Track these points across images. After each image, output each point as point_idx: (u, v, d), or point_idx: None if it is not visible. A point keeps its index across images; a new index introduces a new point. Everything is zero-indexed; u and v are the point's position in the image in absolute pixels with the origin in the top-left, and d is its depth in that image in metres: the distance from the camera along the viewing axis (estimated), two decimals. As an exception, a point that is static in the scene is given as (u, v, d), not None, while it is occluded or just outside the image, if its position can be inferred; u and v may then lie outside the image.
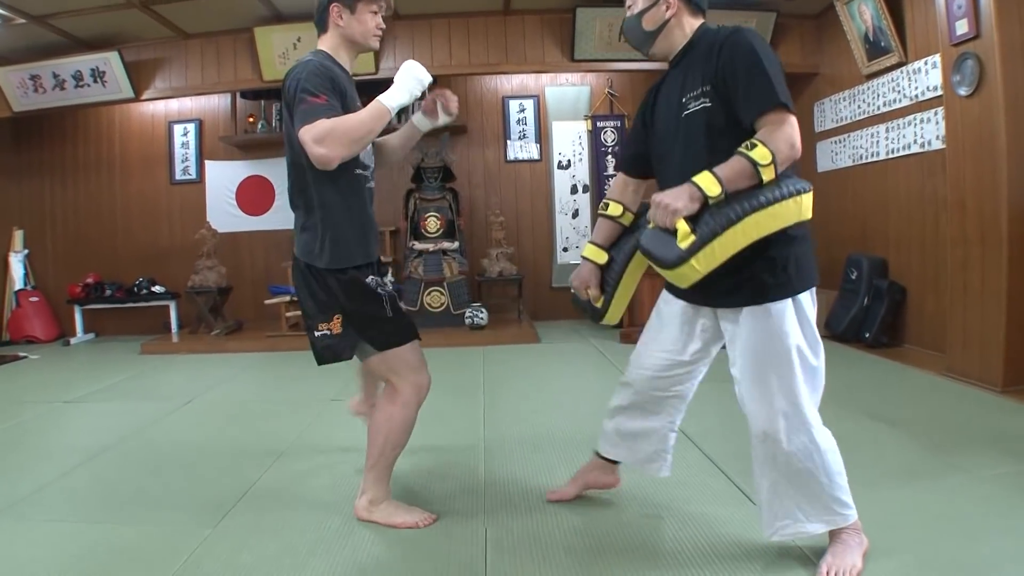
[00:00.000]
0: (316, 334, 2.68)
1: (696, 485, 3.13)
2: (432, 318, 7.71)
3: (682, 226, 2.02)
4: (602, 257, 2.70)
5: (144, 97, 7.89)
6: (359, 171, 2.71)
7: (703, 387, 2.77)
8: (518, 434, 4.05)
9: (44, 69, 7.57)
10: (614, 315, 2.72)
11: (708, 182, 2.05)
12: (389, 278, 2.88)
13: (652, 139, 2.58)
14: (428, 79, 2.65)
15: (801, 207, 2.07)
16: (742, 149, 2.07)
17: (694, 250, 2.01)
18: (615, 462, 2.91)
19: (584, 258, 2.76)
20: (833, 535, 2.35)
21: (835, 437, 2.31)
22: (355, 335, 2.70)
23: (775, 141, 2.06)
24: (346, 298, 2.66)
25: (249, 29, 7.35)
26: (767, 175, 2.03)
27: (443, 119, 2.93)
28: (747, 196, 2.04)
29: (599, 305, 2.71)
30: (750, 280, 2.25)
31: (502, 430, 4.15)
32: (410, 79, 2.62)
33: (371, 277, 2.73)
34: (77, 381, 6.07)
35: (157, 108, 8.82)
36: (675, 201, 2.06)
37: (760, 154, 2.03)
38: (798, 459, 2.24)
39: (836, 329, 6.49)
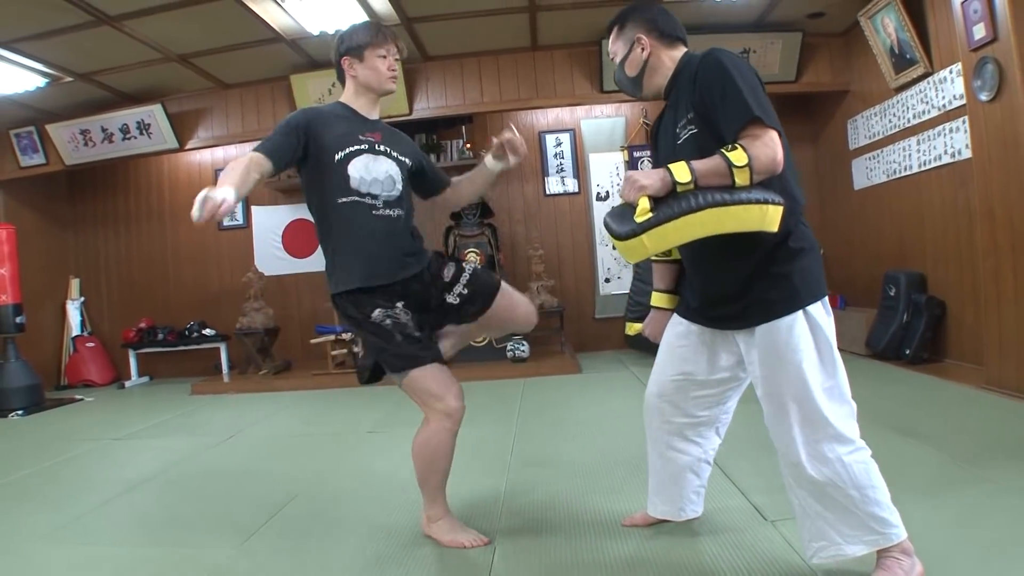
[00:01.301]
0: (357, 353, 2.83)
1: (709, 504, 2.98)
2: (475, 352, 7.76)
3: (643, 203, 2.05)
4: (673, 302, 2.71)
5: (188, 147, 8.21)
6: (346, 199, 2.77)
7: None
8: (544, 459, 4.07)
9: (93, 123, 7.93)
10: None
11: (680, 170, 2.07)
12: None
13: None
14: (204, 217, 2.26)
15: (766, 216, 2.04)
16: (722, 149, 2.08)
17: (647, 226, 2.03)
18: None
19: (654, 307, 2.76)
20: (879, 558, 2.21)
21: (860, 454, 2.26)
22: (372, 358, 2.83)
23: (754, 149, 2.06)
24: (353, 324, 2.83)
25: (286, 77, 7.62)
26: (740, 177, 2.04)
27: (513, 160, 3.06)
28: (713, 191, 2.05)
29: None
30: (758, 300, 2.24)
31: (529, 456, 4.17)
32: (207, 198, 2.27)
33: (378, 310, 2.74)
34: (128, 420, 6.28)
35: (203, 157, 9.13)
36: (644, 179, 2.08)
37: (737, 156, 2.04)
38: (821, 474, 2.17)
39: (876, 347, 6.41)
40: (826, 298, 2.28)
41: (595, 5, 6.53)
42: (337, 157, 2.76)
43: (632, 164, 8.57)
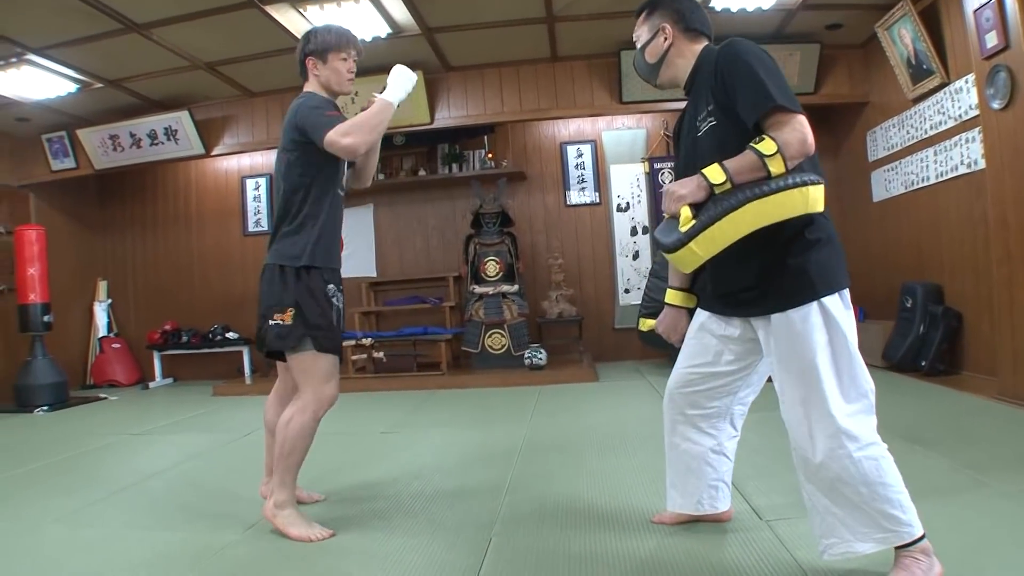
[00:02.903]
0: (270, 323, 2.96)
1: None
2: (493, 359, 7.83)
3: (685, 212, 2.09)
4: (691, 301, 2.71)
5: (214, 153, 8.38)
6: (340, 191, 3.17)
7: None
8: (552, 461, 4.09)
9: (122, 129, 8.12)
10: None
11: (714, 172, 2.10)
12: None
13: (678, 165, 2.64)
14: (415, 77, 3.09)
15: (807, 198, 2.05)
16: (751, 143, 2.10)
17: (693, 234, 2.06)
18: None
19: (668, 304, 2.75)
20: (897, 557, 2.19)
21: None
22: (302, 329, 2.96)
23: (783, 135, 2.08)
24: (307, 295, 2.98)
25: (309, 85, 7.71)
26: (774, 166, 2.05)
27: None
28: (751, 186, 2.06)
29: None
30: (773, 288, 2.23)
31: (536, 457, 4.21)
32: (403, 79, 3.04)
33: (331, 285, 3.07)
34: (149, 418, 6.42)
35: (230, 164, 9.34)
36: (681, 188, 2.12)
37: (766, 146, 2.06)
38: (830, 469, 2.15)
39: (893, 358, 6.38)
40: (846, 291, 2.25)
41: (612, 16, 6.59)
42: None
43: (653, 175, 8.59)
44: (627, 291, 8.81)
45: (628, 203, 8.86)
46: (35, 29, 5.96)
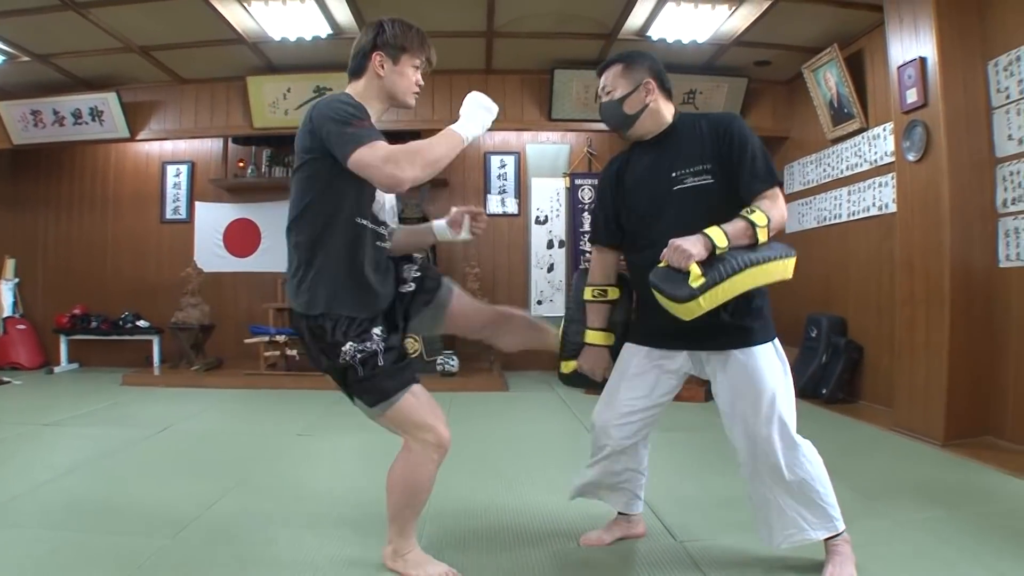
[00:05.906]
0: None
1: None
2: (406, 364, 7.83)
3: (694, 269, 2.28)
4: (611, 339, 2.93)
5: (139, 137, 8.22)
6: (361, 220, 2.50)
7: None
8: (462, 474, 4.09)
9: (45, 105, 7.88)
10: None
11: (718, 235, 2.34)
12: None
13: (628, 209, 2.83)
14: (495, 108, 2.56)
15: (787, 268, 2.42)
16: (743, 213, 2.41)
17: (704, 289, 2.28)
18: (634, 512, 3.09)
19: (589, 344, 2.92)
20: (829, 547, 2.63)
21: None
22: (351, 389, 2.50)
23: (771, 211, 2.42)
24: (319, 351, 2.52)
25: (242, 78, 7.65)
26: (761, 236, 2.37)
27: (464, 236, 2.82)
28: (746, 252, 2.36)
29: None
30: (737, 327, 2.54)
31: (448, 469, 4.24)
32: (480, 109, 2.50)
33: (349, 344, 2.46)
34: (57, 406, 6.22)
35: (152, 148, 9.09)
36: (692, 247, 2.30)
37: (758, 218, 2.38)
38: (795, 473, 2.53)
39: (795, 385, 6.60)
40: None
41: (550, 36, 6.77)
42: None
43: (573, 191, 8.73)
44: (539, 302, 8.89)
45: (547, 216, 8.97)
46: (-34, -2, 5.78)
